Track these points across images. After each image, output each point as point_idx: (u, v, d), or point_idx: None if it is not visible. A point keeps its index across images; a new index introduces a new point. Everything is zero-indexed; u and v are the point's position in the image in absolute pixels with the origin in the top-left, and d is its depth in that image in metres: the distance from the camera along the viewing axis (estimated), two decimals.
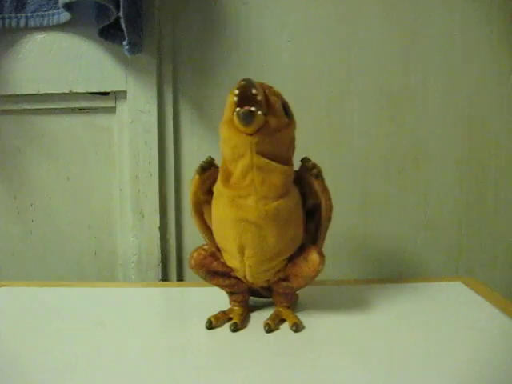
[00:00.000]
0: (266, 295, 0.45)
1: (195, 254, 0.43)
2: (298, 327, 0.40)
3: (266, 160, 0.38)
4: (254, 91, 0.35)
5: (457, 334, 0.39)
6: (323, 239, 0.44)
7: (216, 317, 0.42)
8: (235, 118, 0.36)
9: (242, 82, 0.35)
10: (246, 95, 0.35)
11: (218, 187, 0.40)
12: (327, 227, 0.43)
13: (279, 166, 0.38)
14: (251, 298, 0.46)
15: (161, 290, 0.56)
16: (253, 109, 0.35)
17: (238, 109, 0.36)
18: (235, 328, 0.41)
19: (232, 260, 0.41)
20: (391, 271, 0.65)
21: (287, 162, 0.40)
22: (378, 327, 0.41)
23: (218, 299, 0.44)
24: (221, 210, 0.40)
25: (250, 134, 0.37)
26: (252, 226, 0.38)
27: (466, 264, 0.66)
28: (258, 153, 0.37)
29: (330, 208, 0.43)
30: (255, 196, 0.38)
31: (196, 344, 0.39)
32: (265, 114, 0.37)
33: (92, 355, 0.37)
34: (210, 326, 0.41)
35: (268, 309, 0.44)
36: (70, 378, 0.33)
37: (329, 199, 0.42)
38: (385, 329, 0.41)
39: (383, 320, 0.42)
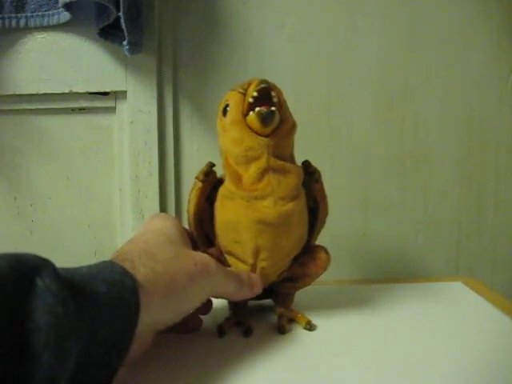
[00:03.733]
0: (262, 297, 0.45)
1: None
2: (311, 326, 0.40)
3: (281, 162, 0.37)
4: (272, 94, 0.35)
5: (457, 334, 0.39)
6: (315, 241, 0.44)
7: (225, 323, 0.40)
8: (255, 117, 0.36)
9: (262, 85, 0.35)
10: (262, 95, 0.35)
11: (228, 189, 0.39)
12: (319, 231, 0.44)
13: (292, 166, 0.39)
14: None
15: None
16: (273, 109, 0.35)
17: (258, 109, 0.35)
18: (249, 332, 0.39)
19: (240, 264, 0.40)
20: (391, 271, 0.65)
21: (293, 161, 0.40)
22: (378, 327, 0.41)
23: (217, 299, 0.44)
24: (232, 213, 0.38)
25: (266, 136, 0.36)
26: (269, 228, 0.37)
27: (466, 264, 0.66)
28: (274, 155, 0.37)
29: (326, 213, 0.43)
30: (273, 197, 0.37)
31: (196, 344, 0.39)
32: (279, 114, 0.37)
33: None
34: (223, 333, 0.39)
35: (263, 310, 0.44)
36: None
37: (326, 204, 0.43)
38: (385, 329, 0.41)
39: (383, 320, 0.42)
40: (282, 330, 0.40)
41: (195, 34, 0.63)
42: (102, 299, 0.26)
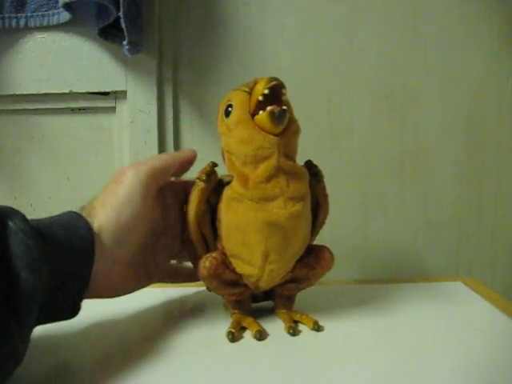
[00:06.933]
0: (263, 299, 0.45)
1: (207, 264, 0.38)
2: (319, 326, 0.40)
3: (291, 162, 0.37)
4: (283, 91, 0.35)
5: (456, 334, 0.39)
6: (313, 241, 0.43)
7: (234, 328, 0.39)
8: (266, 117, 0.35)
9: (274, 82, 0.34)
10: (272, 94, 0.35)
11: (235, 190, 0.37)
12: (318, 232, 0.43)
13: (300, 167, 0.38)
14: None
15: (161, 290, 0.56)
16: (285, 107, 0.35)
17: (270, 108, 0.34)
18: (261, 336, 0.38)
19: (246, 266, 0.39)
20: (391, 271, 0.65)
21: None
22: (378, 327, 0.41)
23: (217, 300, 0.44)
24: (240, 215, 0.37)
25: (276, 135, 0.35)
26: (279, 229, 0.36)
27: (465, 264, 0.66)
28: (284, 155, 0.36)
29: (327, 213, 0.43)
30: (283, 197, 0.36)
31: (196, 344, 0.39)
32: None
33: (91, 355, 0.37)
34: (234, 338, 0.38)
35: (262, 312, 0.44)
36: (69, 378, 0.34)
37: (328, 204, 0.42)
38: (384, 329, 0.41)
39: (383, 320, 0.42)
40: (293, 332, 0.39)
41: (195, 34, 0.63)
42: (60, 237, 0.33)
